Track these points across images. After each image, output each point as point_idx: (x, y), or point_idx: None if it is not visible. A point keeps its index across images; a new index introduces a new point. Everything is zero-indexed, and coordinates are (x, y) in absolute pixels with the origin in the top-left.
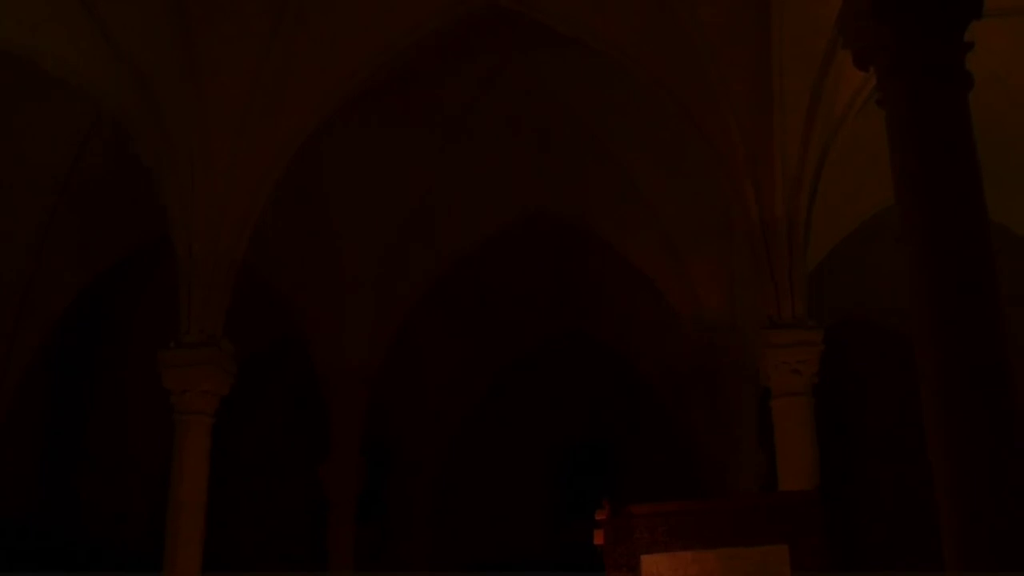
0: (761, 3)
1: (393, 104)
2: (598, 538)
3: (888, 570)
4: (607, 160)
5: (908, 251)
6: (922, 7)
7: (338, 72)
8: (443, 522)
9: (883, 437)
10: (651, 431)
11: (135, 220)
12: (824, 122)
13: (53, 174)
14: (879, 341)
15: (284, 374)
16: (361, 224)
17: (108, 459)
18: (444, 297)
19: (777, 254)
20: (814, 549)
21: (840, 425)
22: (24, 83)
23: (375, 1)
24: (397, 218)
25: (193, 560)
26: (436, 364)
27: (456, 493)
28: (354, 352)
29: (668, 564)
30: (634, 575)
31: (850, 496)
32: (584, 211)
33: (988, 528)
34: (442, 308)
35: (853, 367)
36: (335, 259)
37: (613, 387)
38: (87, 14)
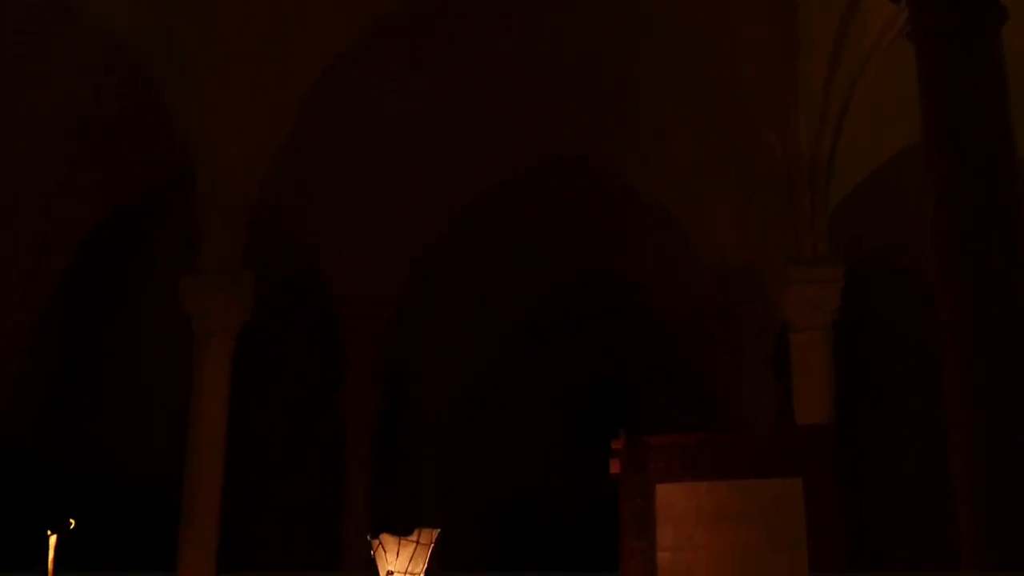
0: None
1: (411, 44)
2: (614, 467)
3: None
4: (627, 101)
5: (932, 190)
6: None
7: (357, 3)
8: (458, 458)
9: (903, 380)
10: (668, 370)
11: (151, 154)
12: (850, 60)
13: (69, 110)
14: (902, 283)
15: (301, 309)
16: (377, 163)
17: (127, 393)
18: (463, 236)
19: (800, 191)
20: (827, 483)
21: (859, 368)
22: (39, 18)
23: None
24: (414, 158)
25: (213, 490)
26: (453, 303)
27: (471, 430)
28: (370, 288)
29: (682, 494)
30: (648, 504)
31: (865, 441)
32: (604, 152)
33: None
34: (460, 247)
35: (875, 310)
36: (351, 197)
37: (631, 327)
38: None
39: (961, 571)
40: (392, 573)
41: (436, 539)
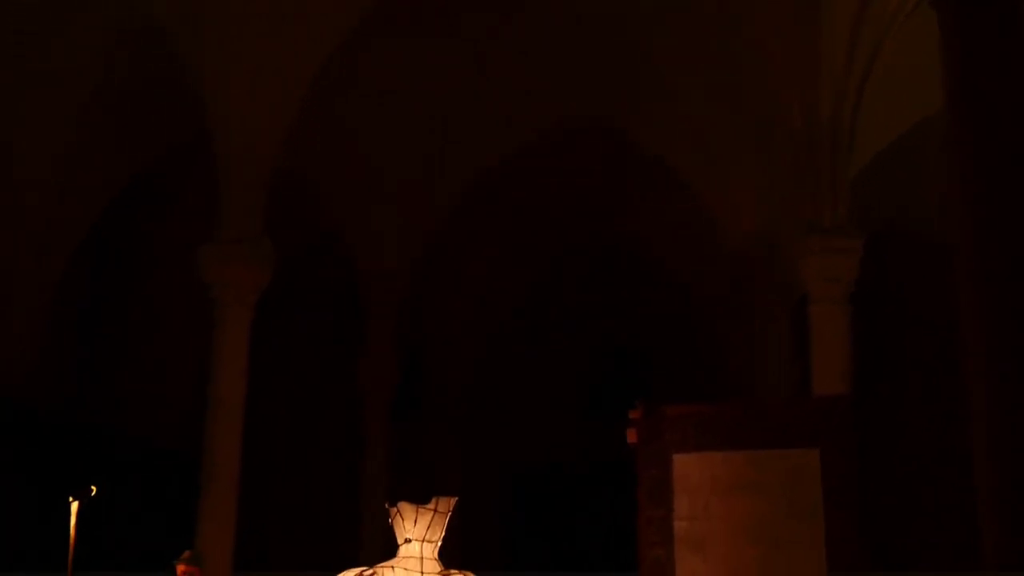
0: None
1: (429, 11)
2: (630, 437)
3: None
4: (647, 68)
5: (952, 160)
6: None
7: None
8: (475, 427)
9: (916, 360)
10: (685, 339)
11: (171, 122)
12: (872, 27)
13: (84, 78)
14: (920, 254)
15: (322, 275)
16: (396, 131)
17: (147, 361)
18: (481, 202)
19: (820, 159)
20: (845, 454)
21: (876, 340)
22: None
23: None
24: (433, 125)
25: (232, 453)
26: (472, 269)
27: (489, 398)
28: (390, 254)
29: (698, 464)
30: (665, 474)
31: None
32: (621, 119)
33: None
34: (478, 215)
35: (891, 282)
36: (370, 166)
37: (647, 295)
38: None
39: (982, 572)
40: (410, 541)
41: (454, 507)
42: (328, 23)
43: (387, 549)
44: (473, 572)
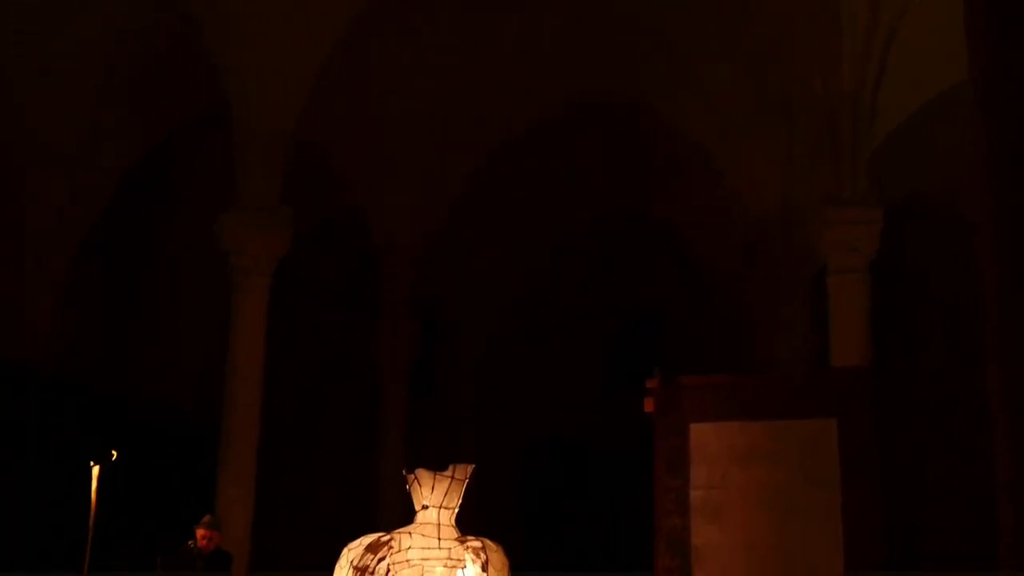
0: None
1: None
2: (648, 406)
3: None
4: (666, 39)
5: (979, 129)
6: None
7: None
8: (493, 395)
9: (939, 324)
10: (703, 309)
11: (191, 90)
12: None
13: (101, 47)
14: (941, 226)
15: (339, 247)
16: (412, 102)
17: (165, 325)
18: (499, 175)
19: (840, 131)
20: (862, 425)
21: (896, 312)
22: None
23: None
24: (448, 96)
25: (251, 420)
26: (489, 240)
27: (506, 366)
28: (406, 226)
29: (716, 434)
30: (682, 443)
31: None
32: (640, 89)
33: None
34: (496, 186)
35: (912, 254)
36: (389, 135)
37: (665, 265)
38: None
39: (1000, 571)
40: (427, 507)
41: (471, 475)
42: None
43: (404, 515)
44: (489, 539)
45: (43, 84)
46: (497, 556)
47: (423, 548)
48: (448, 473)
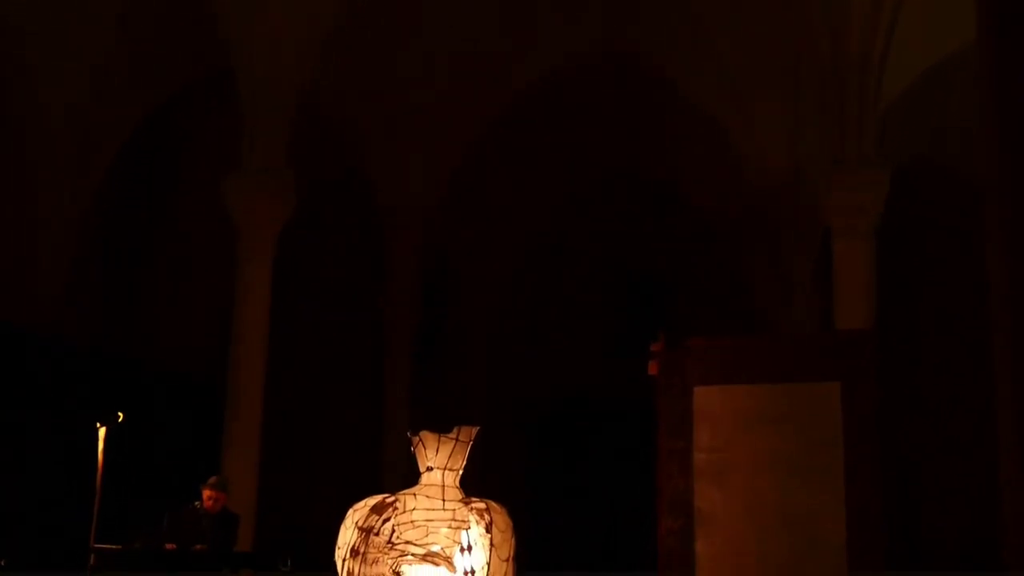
0: None
1: None
2: (652, 369)
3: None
4: None
5: (984, 94)
6: None
7: None
8: (500, 357)
9: (944, 287)
10: (708, 272)
11: (198, 51)
12: None
13: (107, 7)
14: (948, 188)
15: (344, 209)
16: (420, 60)
17: (171, 287)
18: (505, 136)
19: (848, 92)
20: (866, 388)
21: (901, 274)
22: None
23: None
24: (453, 57)
25: (256, 382)
26: (494, 203)
27: (513, 328)
28: (413, 186)
29: (720, 397)
30: (686, 406)
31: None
32: (645, 49)
33: None
34: (502, 147)
35: (919, 214)
36: (395, 96)
37: (672, 229)
38: None
39: (1008, 573)
40: (431, 469)
41: (475, 437)
42: None
43: (409, 477)
44: (494, 501)
45: (50, 47)
46: (501, 517)
47: (428, 509)
48: (452, 435)
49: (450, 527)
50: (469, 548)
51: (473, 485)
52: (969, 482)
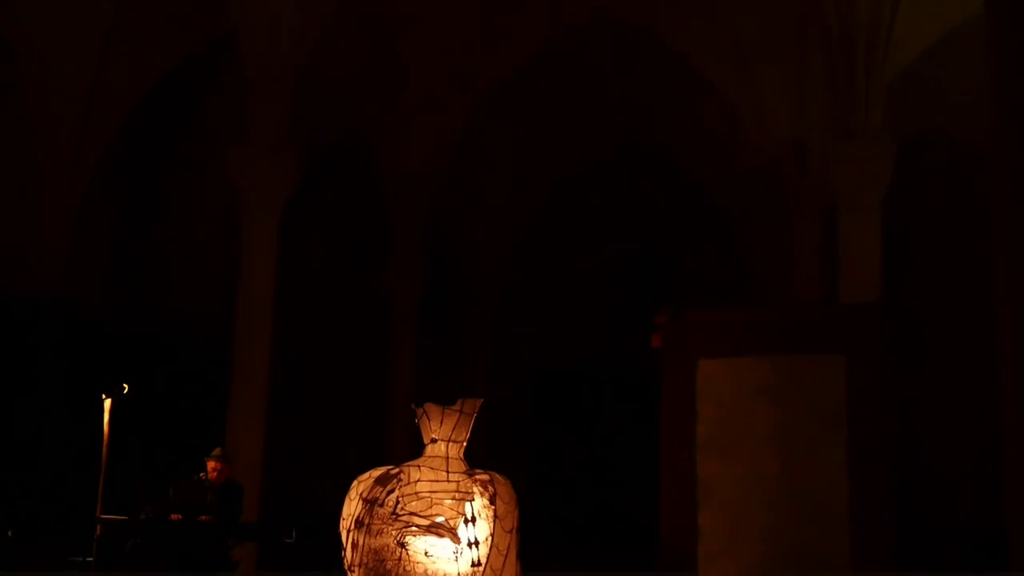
0: None
1: None
2: (656, 342)
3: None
4: None
5: (990, 65)
6: None
7: None
8: (504, 329)
9: (950, 260)
10: (713, 244)
11: (201, 21)
12: None
13: None
14: (956, 160)
15: (349, 179)
16: (424, 31)
17: (176, 257)
18: (509, 104)
19: (855, 63)
20: (871, 361)
21: (907, 247)
22: None
23: None
24: (459, 25)
25: (261, 352)
26: (498, 172)
27: (517, 301)
28: (418, 157)
29: (724, 369)
30: (690, 378)
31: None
32: (650, 18)
33: None
34: (507, 116)
35: (926, 187)
36: (399, 64)
37: (676, 199)
38: None
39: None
40: (436, 441)
41: (479, 409)
42: None
43: (414, 449)
44: (498, 472)
45: (55, 13)
46: (505, 489)
47: (432, 481)
48: (457, 407)
49: (454, 499)
50: (473, 519)
51: (476, 457)
52: (975, 458)
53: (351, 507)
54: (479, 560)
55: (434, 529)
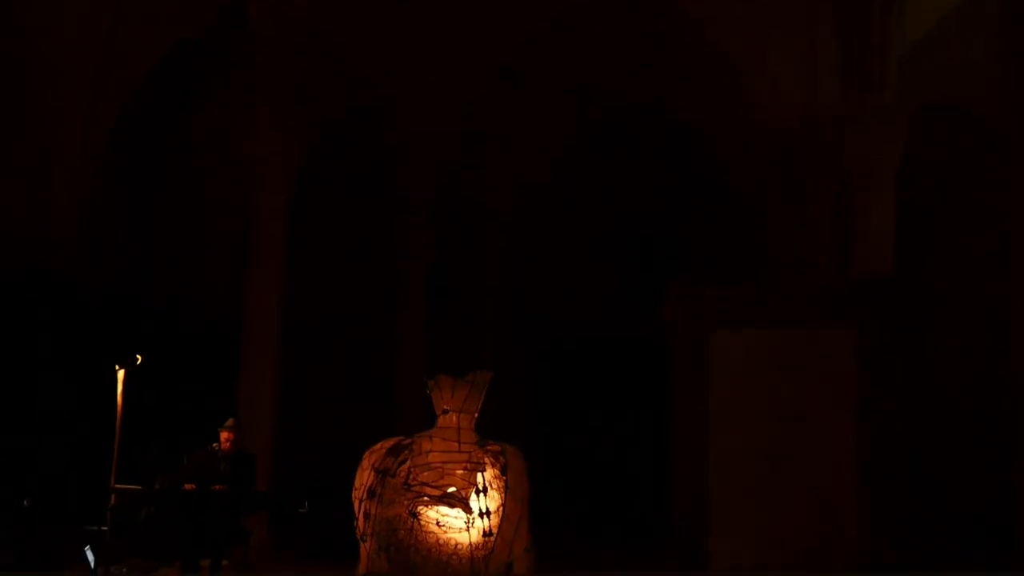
0: None
1: None
2: (667, 315)
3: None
4: None
5: (1004, 37)
6: None
7: None
8: (514, 304)
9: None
10: (725, 218)
11: None
12: None
13: None
14: (969, 132)
15: (359, 149)
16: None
17: (187, 227)
18: (518, 73)
19: (869, 36)
20: (882, 334)
21: (921, 216)
22: None
23: None
24: None
25: (272, 323)
26: (511, 140)
27: (528, 274)
28: (429, 125)
29: (735, 342)
30: (701, 351)
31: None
32: None
33: None
34: (516, 83)
35: (940, 159)
36: (409, 34)
37: (689, 174)
38: None
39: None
40: (447, 412)
41: (489, 381)
42: None
43: (426, 419)
44: (509, 444)
45: None
46: (516, 460)
47: (443, 451)
48: (468, 379)
49: (465, 469)
50: (484, 490)
51: (486, 427)
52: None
53: (363, 477)
54: (490, 530)
55: (446, 499)
